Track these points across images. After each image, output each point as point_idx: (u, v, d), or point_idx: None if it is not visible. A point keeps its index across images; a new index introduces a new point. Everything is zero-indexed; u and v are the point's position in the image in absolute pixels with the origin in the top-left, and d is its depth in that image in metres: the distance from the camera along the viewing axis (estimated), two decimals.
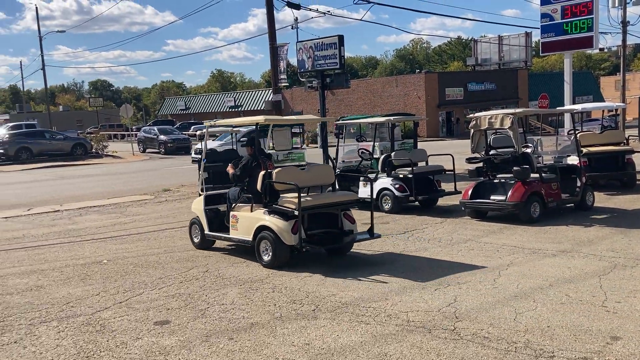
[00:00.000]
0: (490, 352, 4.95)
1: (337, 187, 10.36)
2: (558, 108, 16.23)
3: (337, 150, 14.05)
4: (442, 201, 12.92)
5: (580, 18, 19.50)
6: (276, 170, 8.19)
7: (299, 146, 18.90)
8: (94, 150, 35.80)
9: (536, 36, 54.01)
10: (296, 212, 7.66)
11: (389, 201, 12.17)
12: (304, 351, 5.12)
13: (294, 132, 20.31)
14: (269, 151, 17.44)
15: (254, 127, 8.76)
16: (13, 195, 18.28)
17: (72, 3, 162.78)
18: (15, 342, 5.66)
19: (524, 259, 7.99)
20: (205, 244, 9.42)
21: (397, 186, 12.09)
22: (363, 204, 13.06)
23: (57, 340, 5.66)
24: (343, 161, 14.44)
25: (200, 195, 9.46)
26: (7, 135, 34.50)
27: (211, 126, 9.96)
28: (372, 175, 12.76)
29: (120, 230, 11.61)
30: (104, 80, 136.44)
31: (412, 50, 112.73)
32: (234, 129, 14.88)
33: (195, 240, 9.54)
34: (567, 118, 20.06)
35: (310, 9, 25.22)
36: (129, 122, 55.95)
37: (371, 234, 8.41)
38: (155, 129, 39.38)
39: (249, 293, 6.91)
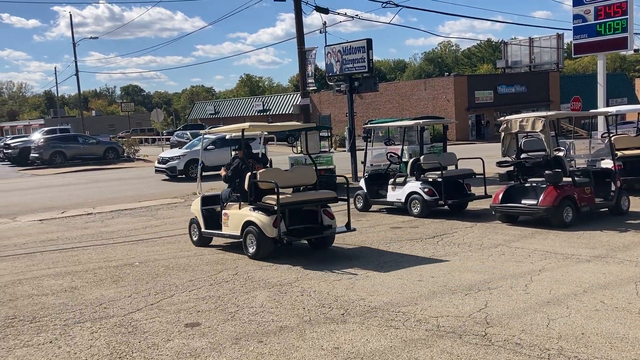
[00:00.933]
0: (522, 358, 4.86)
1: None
2: (592, 110, 15.93)
3: (366, 153, 14.03)
4: (472, 205, 12.78)
5: (614, 19, 19.14)
6: (260, 171, 9.01)
7: (327, 150, 18.94)
8: (125, 154, 36.42)
9: (568, 38, 53.16)
10: (275, 208, 8.46)
11: (418, 205, 12.08)
12: (333, 355, 5.12)
13: (322, 136, 20.34)
14: (298, 155, 17.56)
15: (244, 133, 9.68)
16: (47, 198, 18.70)
17: (104, 10, 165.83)
18: (50, 342, 5.79)
19: (556, 265, 7.84)
20: (203, 241, 10.09)
21: (426, 190, 11.99)
22: (392, 208, 13.02)
23: (90, 340, 5.76)
24: (371, 165, 14.40)
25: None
26: (42, 140, 35.37)
27: (205, 134, 10.64)
28: (400, 179, 12.70)
29: (151, 233, 11.78)
30: (135, 86, 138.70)
31: (440, 53, 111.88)
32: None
33: (194, 238, 10.20)
34: (600, 121, 19.66)
35: (338, 13, 25.12)
36: (159, 127, 56.72)
37: (348, 227, 9.23)
38: (188, 133, 39.88)
39: (278, 296, 6.93)
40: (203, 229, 9.88)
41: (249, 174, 8.93)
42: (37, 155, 33.55)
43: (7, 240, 11.69)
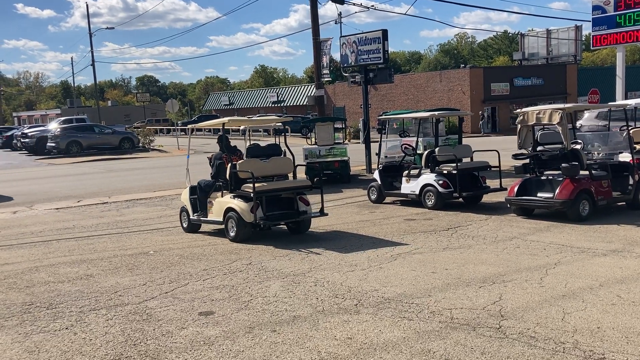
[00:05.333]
0: (537, 352, 4.83)
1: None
2: (610, 103, 15.71)
3: (380, 145, 13.97)
4: (486, 198, 12.70)
5: (634, 10, 18.83)
6: (240, 161, 9.62)
7: (342, 141, 18.90)
8: (140, 145, 36.65)
9: (587, 29, 52.38)
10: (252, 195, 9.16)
11: (432, 197, 12.01)
12: (347, 345, 5.12)
13: (337, 127, 20.30)
14: (311, 146, 17.55)
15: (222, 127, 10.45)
16: (64, 187, 18.89)
17: (118, 0, 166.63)
18: (66, 328, 5.86)
19: (572, 258, 7.77)
20: (192, 228, 10.64)
21: (440, 182, 11.92)
22: (406, 200, 12.98)
23: (105, 327, 5.82)
24: (386, 156, 14.34)
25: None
26: (58, 129, 35.68)
27: (195, 128, 11.85)
28: (415, 171, 12.63)
29: (166, 223, 11.85)
30: (151, 76, 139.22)
31: (456, 44, 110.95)
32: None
33: (184, 225, 10.77)
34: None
35: (353, 4, 24.89)
36: (174, 117, 56.86)
37: (322, 212, 9.95)
38: None
39: (292, 286, 6.95)
40: (191, 216, 10.49)
41: (229, 164, 9.63)
42: (53, 144, 33.88)
43: (24, 228, 11.83)
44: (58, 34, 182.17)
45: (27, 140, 37.40)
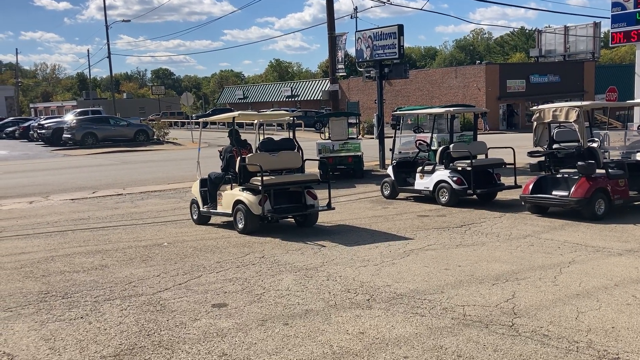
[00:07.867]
0: (550, 350, 4.81)
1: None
2: (628, 101, 15.53)
3: (394, 141, 13.93)
4: (501, 195, 12.62)
5: None
6: (249, 155, 9.82)
7: (355, 136, 18.86)
8: (155, 137, 36.86)
9: (605, 26, 51.69)
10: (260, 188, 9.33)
11: (446, 194, 11.97)
12: (359, 340, 5.13)
13: (350, 122, 20.26)
14: (325, 141, 17.55)
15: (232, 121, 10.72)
16: (79, 178, 19.06)
17: None
18: (81, 317, 5.93)
19: (587, 257, 7.71)
20: (202, 220, 10.80)
21: (455, 179, 11.87)
22: (420, 196, 12.93)
23: (120, 317, 5.88)
24: (400, 152, 14.29)
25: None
26: (74, 121, 35.97)
27: (204, 122, 12.28)
28: (429, 168, 12.58)
29: (179, 215, 11.93)
30: (166, 69, 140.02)
31: (472, 40, 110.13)
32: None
33: (194, 217, 10.95)
34: (637, 112, 19.20)
35: None
36: (189, 110, 57.04)
37: (329, 206, 10.12)
38: None
39: (304, 280, 6.97)
40: (201, 208, 10.65)
41: (239, 158, 9.79)
42: (69, 135, 34.18)
43: (40, 218, 11.97)
44: (74, 26, 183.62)
45: (43, 131, 37.76)
